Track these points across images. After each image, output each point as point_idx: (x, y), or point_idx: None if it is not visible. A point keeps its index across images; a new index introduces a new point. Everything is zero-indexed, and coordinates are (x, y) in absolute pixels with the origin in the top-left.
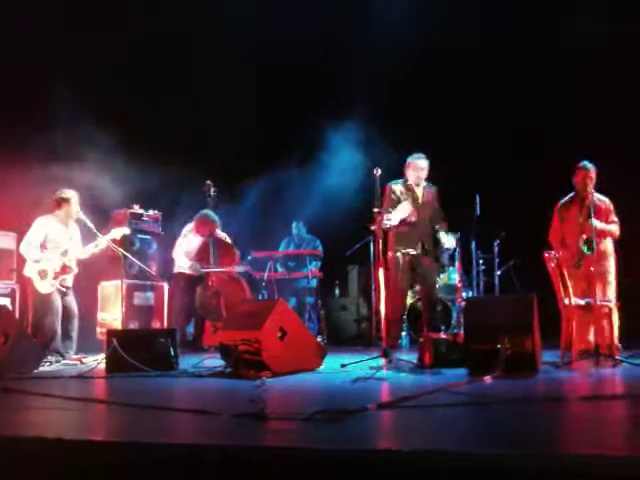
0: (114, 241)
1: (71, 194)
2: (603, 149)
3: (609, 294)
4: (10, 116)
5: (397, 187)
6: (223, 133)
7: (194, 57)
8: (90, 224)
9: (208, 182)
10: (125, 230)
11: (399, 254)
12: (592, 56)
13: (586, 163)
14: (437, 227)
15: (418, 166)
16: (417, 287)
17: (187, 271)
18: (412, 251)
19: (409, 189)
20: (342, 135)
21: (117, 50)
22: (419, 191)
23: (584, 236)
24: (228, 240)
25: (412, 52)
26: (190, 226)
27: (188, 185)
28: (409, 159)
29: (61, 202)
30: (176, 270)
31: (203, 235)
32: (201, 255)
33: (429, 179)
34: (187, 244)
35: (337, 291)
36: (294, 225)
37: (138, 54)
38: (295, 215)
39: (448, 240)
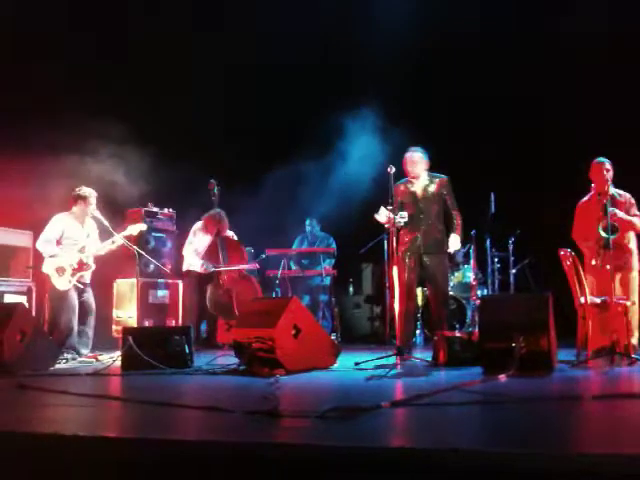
0: (130, 238)
1: (88, 192)
2: (620, 148)
3: (630, 292)
4: (23, 115)
5: (400, 186)
6: (232, 131)
7: (196, 56)
8: (106, 222)
9: (212, 180)
10: (142, 226)
11: (406, 253)
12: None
13: (601, 158)
14: (453, 214)
15: (411, 160)
16: None
17: (197, 269)
18: (417, 249)
19: (408, 186)
20: (354, 132)
21: (118, 50)
22: (418, 186)
23: (602, 223)
24: (235, 238)
25: (422, 50)
26: (199, 224)
27: (196, 183)
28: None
29: (77, 199)
30: (185, 268)
31: (212, 234)
32: (210, 254)
33: (435, 170)
34: (196, 242)
35: (351, 289)
36: (307, 222)
37: (139, 53)
38: (308, 212)
39: (453, 244)
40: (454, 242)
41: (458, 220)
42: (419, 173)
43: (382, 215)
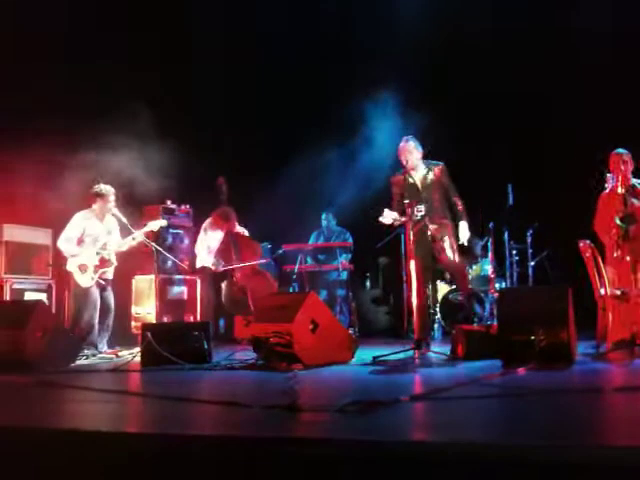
0: (148, 234)
1: (106, 189)
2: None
3: None
4: (37, 112)
5: (398, 177)
6: (246, 125)
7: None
8: (124, 220)
9: (221, 177)
10: (162, 222)
11: (417, 246)
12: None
13: (619, 149)
14: (454, 200)
15: (405, 149)
16: (448, 276)
17: (209, 265)
18: (426, 239)
19: (407, 177)
20: (370, 125)
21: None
22: (417, 176)
23: (620, 214)
24: (246, 233)
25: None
26: (209, 221)
27: (212, 179)
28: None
29: (96, 197)
30: (199, 264)
31: (222, 230)
32: (223, 251)
33: (431, 158)
34: (208, 240)
35: (368, 283)
36: (323, 216)
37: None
38: (325, 206)
39: (463, 233)
40: (464, 230)
41: (460, 206)
42: (415, 163)
43: (388, 218)
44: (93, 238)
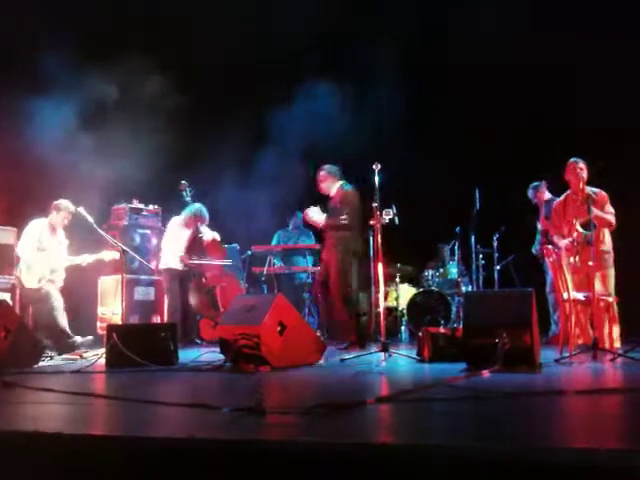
0: (114, 234)
1: (64, 205)
2: (604, 146)
3: (608, 288)
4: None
5: None
6: (216, 118)
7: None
8: (90, 219)
9: (183, 182)
10: (115, 254)
11: None
12: (589, 55)
13: (575, 158)
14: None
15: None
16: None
17: (176, 266)
18: None
19: None
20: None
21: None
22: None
23: (580, 219)
24: (217, 237)
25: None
26: (178, 219)
27: (180, 180)
28: None
29: (54, 209)
30: (164, 266)
31: (190, 228)
32: (189, 249)
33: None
34: (176, 238)
35: None
36: (299, 216)
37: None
38: (293, 206)
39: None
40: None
41: (337, 223)
42: (325, 190)
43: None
44: (44, 247)
